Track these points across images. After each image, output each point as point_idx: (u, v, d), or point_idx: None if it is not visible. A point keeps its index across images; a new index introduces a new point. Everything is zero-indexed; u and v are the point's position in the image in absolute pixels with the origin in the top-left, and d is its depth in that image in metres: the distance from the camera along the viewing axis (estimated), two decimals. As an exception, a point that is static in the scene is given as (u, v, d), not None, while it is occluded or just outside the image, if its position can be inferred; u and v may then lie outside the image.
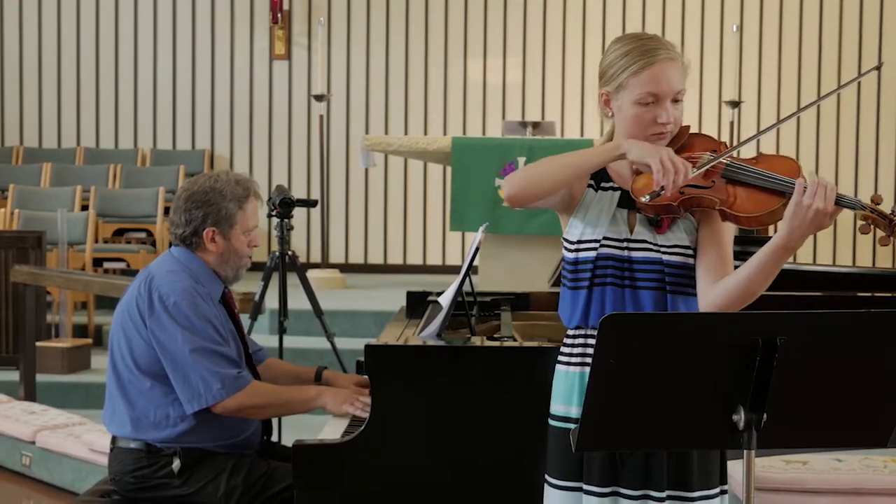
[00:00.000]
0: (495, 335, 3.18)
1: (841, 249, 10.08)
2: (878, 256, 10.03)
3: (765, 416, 2.07)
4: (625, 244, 2.45)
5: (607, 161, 2.43)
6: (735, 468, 4.25)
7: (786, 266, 2.34)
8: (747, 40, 9.94)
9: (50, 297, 7.21)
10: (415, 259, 10.04)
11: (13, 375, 6.31)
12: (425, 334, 3.11)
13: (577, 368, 2.48)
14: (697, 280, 2.42)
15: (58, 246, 6.78)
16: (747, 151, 3.18)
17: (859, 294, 3.77)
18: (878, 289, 3.82)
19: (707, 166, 2.36)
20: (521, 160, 7.02)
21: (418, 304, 3.82)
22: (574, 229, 2.50)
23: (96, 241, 8.38)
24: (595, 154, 2.42)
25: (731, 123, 9.59)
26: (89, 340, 7.03)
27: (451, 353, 2.92)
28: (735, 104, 9.39)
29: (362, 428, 2.84)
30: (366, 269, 9.97)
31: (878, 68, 2.59)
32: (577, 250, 2.48)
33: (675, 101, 2.45)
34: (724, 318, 2.09)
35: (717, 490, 2.48)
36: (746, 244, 3.59)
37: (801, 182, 2.25)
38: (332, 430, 3.05)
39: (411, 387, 2.84)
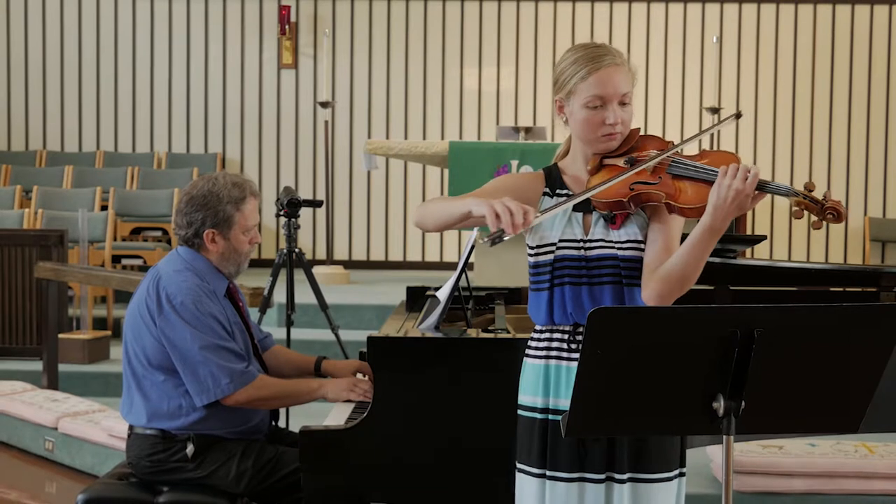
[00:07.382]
0: (490, 327, 3.18)
1: (814, 247, 10.09)
2: (849, 253, 10.04)
3: (743, 403, 2.06)
4: (580, 244, 2.45)
5: (469, 213, 2.35)
6: (715, 452, 4.26)
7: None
8: (726, 50, 9.94)
9: (71, 291, 7.20)
10: (414, 256, 10.04)
11: (37, 365, 6.31)
12: (424, 326, 3.11)
13: (542, 361, 2.48)
14: (643, 270, 2.41)
15: (79, 244, 6.76)
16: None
17: (832, 289, 3.76)
18: (849, 284, 3.82)
19: (652, 163, 2.37)
20: (514, 163, 7.01)
21: (417, 298, 3.81)
22: (533, 235, 2.50)
23: (115, 239, 8.37)
24: (465, 204, 2.35)
25: (711, 128, 9.59)
26: (108, 332, 7.01)
27: (449, 344, 2.91)
28: (715, 110, 9.39)
29: (365, 415, 2.83)
30: (368, 265, 9.96)
31: (738, 116, 2.58)
32: (536, 254, 2.48)
33: (623, 103, 2.44)
34: (704, 312, 2.08)
35: (675, 472, 2.47)
36: (727, 242, 3.59)
37: (725, 166, 2.25)
38: (336, 416, 3.05)
39: (411, 376, 2.84)
